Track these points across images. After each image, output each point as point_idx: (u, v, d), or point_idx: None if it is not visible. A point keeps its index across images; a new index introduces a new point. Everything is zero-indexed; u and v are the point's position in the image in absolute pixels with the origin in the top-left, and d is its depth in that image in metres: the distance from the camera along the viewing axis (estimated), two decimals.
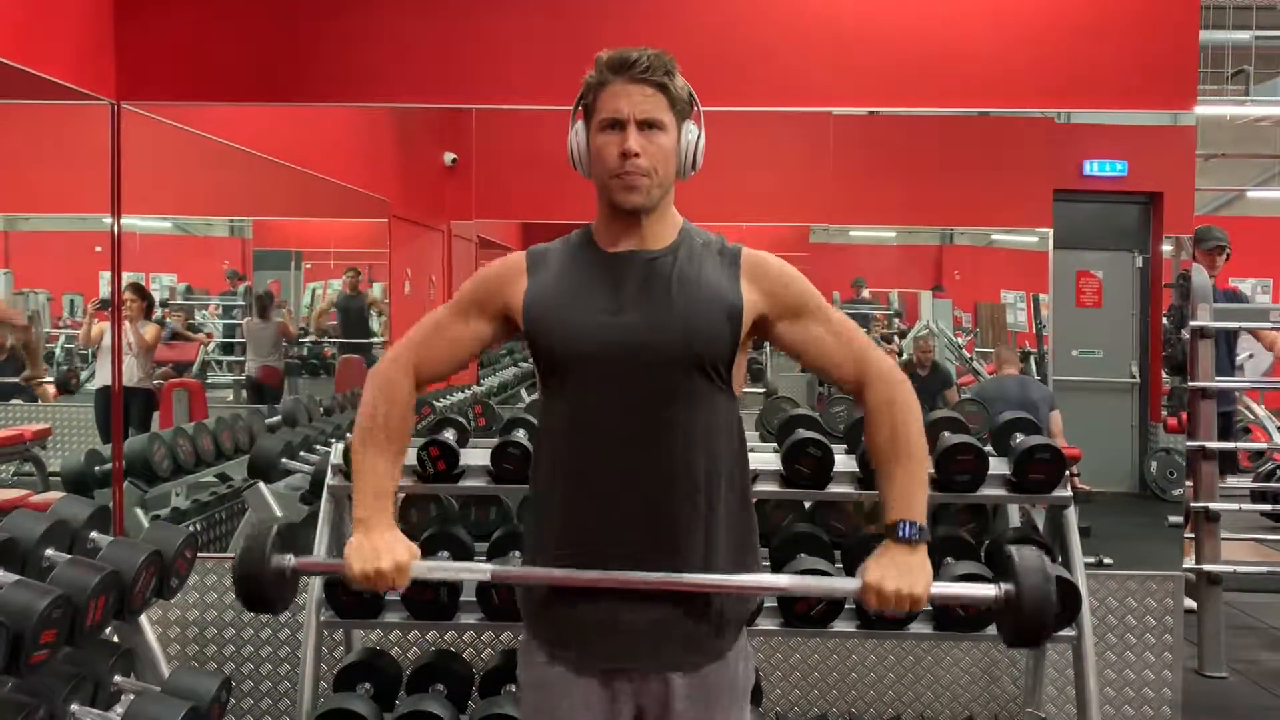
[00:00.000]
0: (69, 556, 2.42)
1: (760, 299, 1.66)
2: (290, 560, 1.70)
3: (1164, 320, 4.83)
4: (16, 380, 4.77)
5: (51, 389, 5.29)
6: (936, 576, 2.68)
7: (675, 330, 1.61)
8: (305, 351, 5.71)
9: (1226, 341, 4.95)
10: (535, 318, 1.66)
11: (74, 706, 2.32)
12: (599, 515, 1.63)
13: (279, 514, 3.74)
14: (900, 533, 1.62)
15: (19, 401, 5.10)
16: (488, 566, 1.75)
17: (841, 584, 1.68)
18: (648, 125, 1.61)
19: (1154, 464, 4.82)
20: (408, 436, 1.74)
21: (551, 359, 1.65)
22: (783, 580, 1.71)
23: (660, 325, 1.61)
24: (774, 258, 1.71)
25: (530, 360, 1.73)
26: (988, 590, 1.67)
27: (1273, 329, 4.90)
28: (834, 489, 2.83)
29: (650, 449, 1.61)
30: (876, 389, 1.67)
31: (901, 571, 1.60)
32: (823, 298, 1.72)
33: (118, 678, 2.53)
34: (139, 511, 3.64)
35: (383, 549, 1.62)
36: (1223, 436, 4.75)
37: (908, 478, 1.65)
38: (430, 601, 2.72)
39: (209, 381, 5.54)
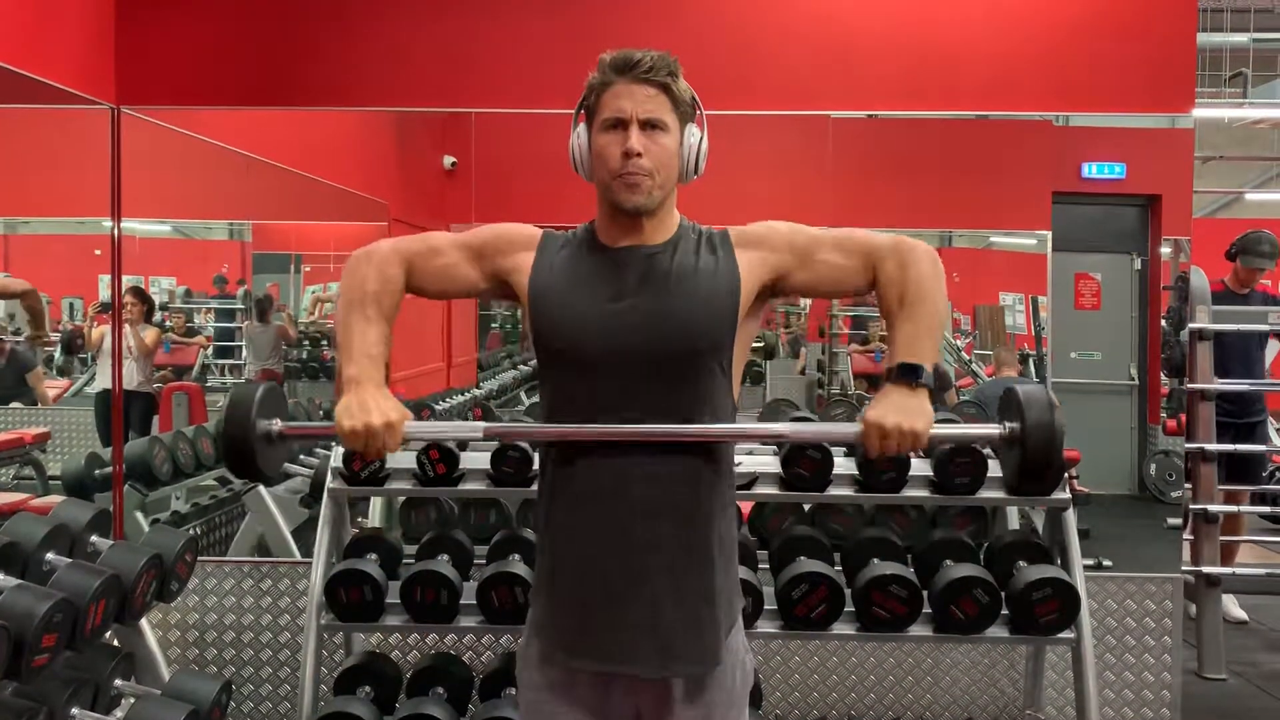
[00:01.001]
0: (69, 560, 2.42)
1: (759, 267, 1.67)
2: (276, 425, 1.67)
3: (1163, 322, 4.83)
4: (19, 339, 4.78)
5: (51, 392, 5.29)
6: (935, 575, 2.72)
7: (675, 320, 1.61)
8: (304, 355, 5.71)
9: (1247, 347, 4.88)
10: (537, 296, 1.66)
11: (75, 710, 2.32)
12: (597, 506, 1.62)
13: (279, 518, 3.75)
14: (901, 374, 1.58)
15: (19, 405, 5.10)
16: (480, 425, 1.72)
17: (841, 429, 1.65)
18: (650, 125, 1.61)
19: (1153, 466, 4.81)
20: (394, 318, 1.70)
21: (552, 346, 1.65)
22: (782, 427, 1.68)
23: (660, 314, 1.61)
24: (755, 225, 1.71)
25: (530, 363, 1.73)
26: (991, 429, 1.65)
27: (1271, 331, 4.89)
28: (833, 491, 2.84)
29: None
30: (887, 263, 1.64)
31: (902, 410, 1.56)
32: (811, 227, 1.70)
33: (118, 681, 2.54)
34: (139, 515, 3.65)
35: (373, 406, 1.57)
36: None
37: (914, 324, 1.61)
38: (430, 604, 2.73)
39: (209, 384, 5.54)
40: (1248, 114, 10.61)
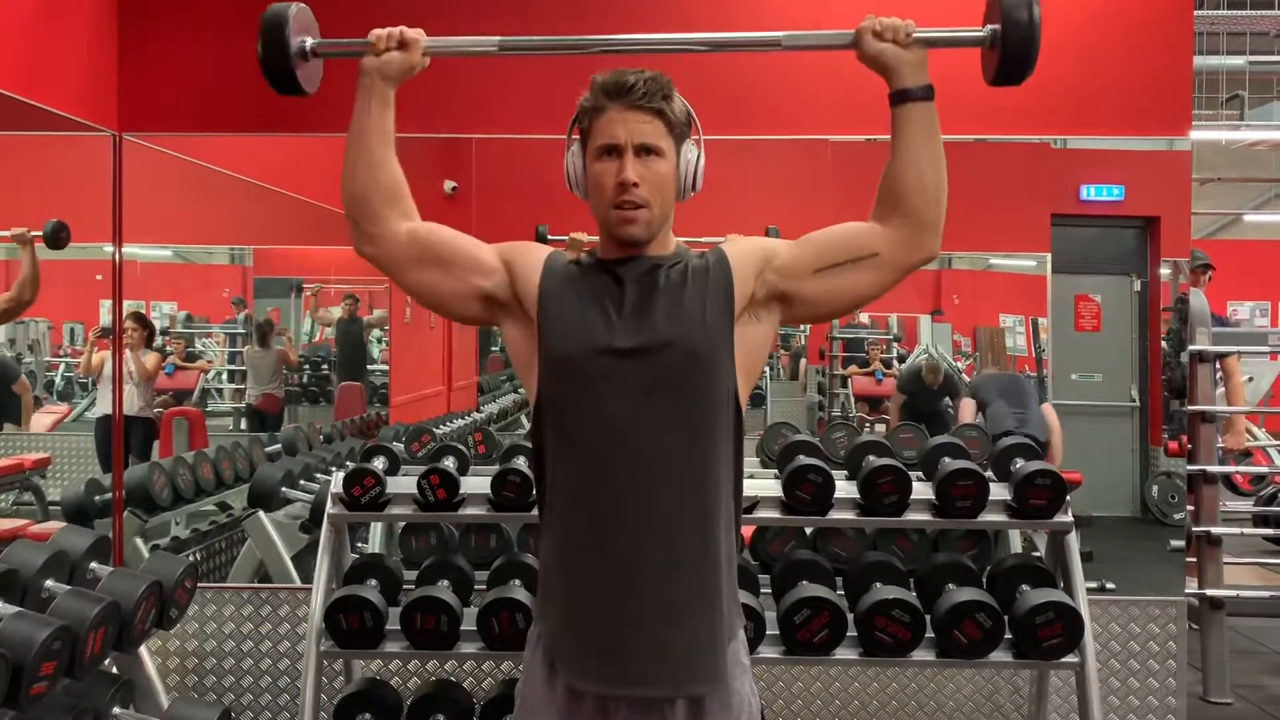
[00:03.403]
0: (69, 587, 2.41)
1: (751, 257, 1.68)
2: (308, 42, 1.78)
3: (1163, 344, 4.84)
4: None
5: (51, 418, 5.29)
6: (937, 599, 2.71)
7: (674, 327, 1.61)
8: (305, 379, 5.71)
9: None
10: (544, 297, 1.66)
11: None
12: (604, 521, 1.61)
13: (279, 543, 3.74)
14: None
15: (15, 430, 5.10)
16: (495, 39, 1.79)
17: (835, 34, 1.73)
18: (645, 151, 1.61)
19: (1155, 488, 4.80)
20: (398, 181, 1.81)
21: (556, 358, 1.64)
22: (777, 35, 1.74)
23: (660, 323, 1.61)
24: (745, 243, 1.72)
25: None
26: (977, 32, 1.74)
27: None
28: (835, 515, 2.83)
29: (655, 449, 1.60)
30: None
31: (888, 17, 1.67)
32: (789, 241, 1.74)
33: (117, 709, 2.52)
34: (139, 541, 3.64)
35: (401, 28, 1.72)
36: None
37: None
38: (431, 630, 2.71)
39: (209, 409, 5.54)
40: (1245, 136, 10.67)
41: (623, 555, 1.60)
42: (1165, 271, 4.65)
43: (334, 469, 3.22)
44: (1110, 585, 3.49)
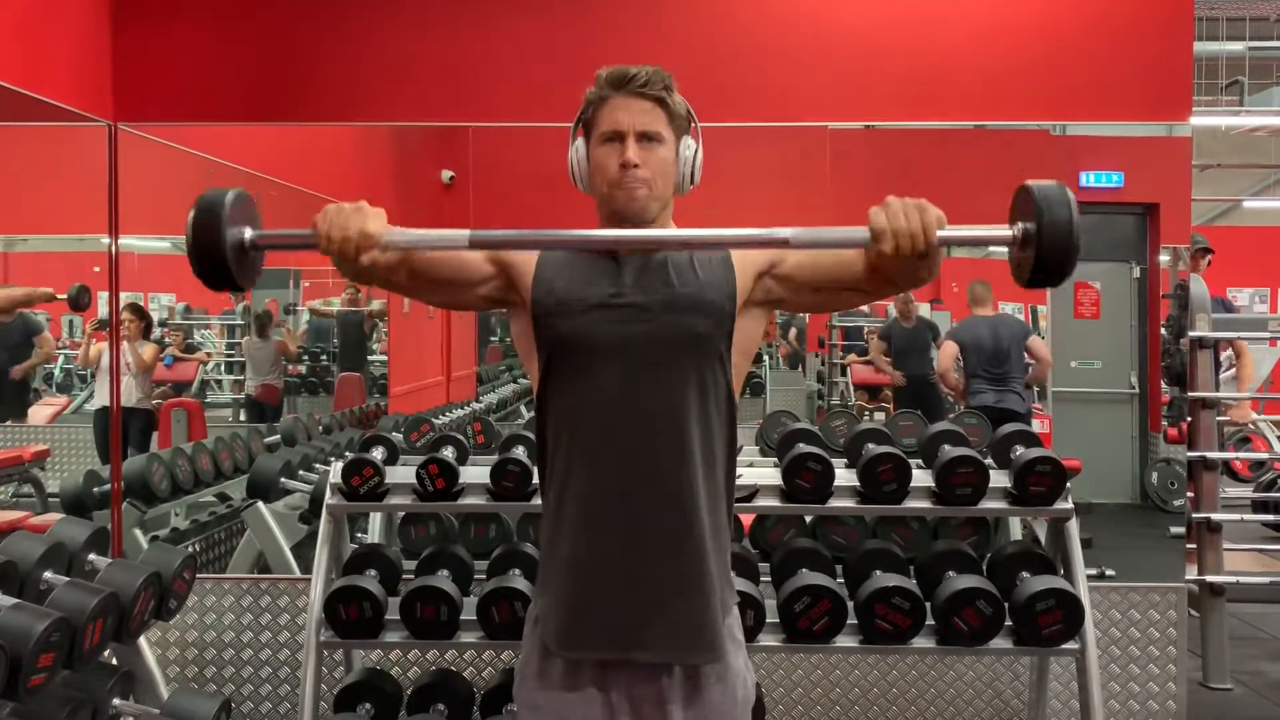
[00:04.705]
0: (67, 579, 2.41)
1: (752, 255, 1.70)
2: (247, 234, 1.55)
3: (1162, 330, 4.84)
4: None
5: (50, 410, 5.29)
6: (937, 587, 2.71)
7: (674, 306, 1.64)
8: (304, 370, 5.71)
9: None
10: (540, 281, 1.68)
11: None
12: (595, 494, 1.64)
13: (278, 534, 3.73)
14: None
15: (13, 424, 5.11)
16: (465, 232, 1.59)
17: (848, 233, 1.56)
18: (646, 138, 1.64)
19: (1155, 474, 4.80)
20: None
21: (554, 339, 1.66)
22: (785, 232, 1.63)
23: (659, 302, 1.64)
24: None
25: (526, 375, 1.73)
26: (1003, 231, 1.59)
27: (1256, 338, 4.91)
28: (835, 503, 2.83)
29: (651, 425, 1.62)
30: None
31: (908, 207, 1.50)
32: None
33: (116, 700, 2.53)
34: (138, 532, 3.63)
35: (352, 214, 1.50)
36: None
37: None
38: (430, 620, 2.71)
39: (208, 400, 5.53)
40: (1244, 122, 10.64)
41: (611, 526, 1.63)
42: (1165, 258, 4.64)
43: (333, 459, 3.22)
44: (1110, 572, 3.49)
